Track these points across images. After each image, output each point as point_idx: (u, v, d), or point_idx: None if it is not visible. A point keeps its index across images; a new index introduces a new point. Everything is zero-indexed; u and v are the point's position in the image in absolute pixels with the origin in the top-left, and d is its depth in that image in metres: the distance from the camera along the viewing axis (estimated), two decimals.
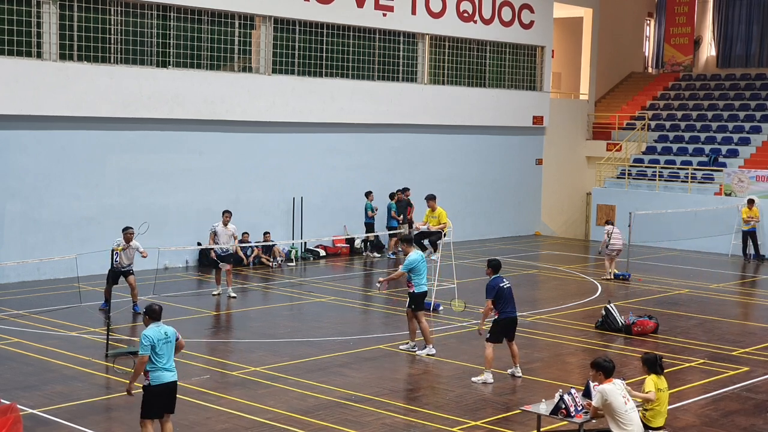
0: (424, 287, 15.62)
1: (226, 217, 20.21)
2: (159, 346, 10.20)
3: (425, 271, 15.68)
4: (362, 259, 26.92)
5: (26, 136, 21.82)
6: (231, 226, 20.24)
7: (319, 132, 27.24)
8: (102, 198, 23.04)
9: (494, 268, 14.15)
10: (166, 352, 10.28)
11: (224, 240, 20.10)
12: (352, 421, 12.01)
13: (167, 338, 10.33)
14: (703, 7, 39.79)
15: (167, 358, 10.29)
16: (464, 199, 31.11)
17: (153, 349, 10.17)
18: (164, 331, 10.34)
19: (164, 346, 10.26)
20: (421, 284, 15.53)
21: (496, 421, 12.14)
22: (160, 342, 10.22)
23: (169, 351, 10.32)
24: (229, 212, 20.41)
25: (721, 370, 15.01)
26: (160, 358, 10.22)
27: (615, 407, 9.97)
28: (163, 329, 10.36)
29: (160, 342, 10.23)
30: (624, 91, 39.22)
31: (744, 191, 29.52)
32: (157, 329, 10.30)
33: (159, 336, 10.25)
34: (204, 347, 15.98)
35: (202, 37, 24.52)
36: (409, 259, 15.51)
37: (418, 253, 15.79)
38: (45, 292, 20.54)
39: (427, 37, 29.79)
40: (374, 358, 15.38)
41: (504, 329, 14.05)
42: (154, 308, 10.49)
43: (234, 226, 20.38)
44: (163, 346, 10.25)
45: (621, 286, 22.84)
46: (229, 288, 20.38)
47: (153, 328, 10.31)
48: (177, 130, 24.32)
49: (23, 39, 21.52)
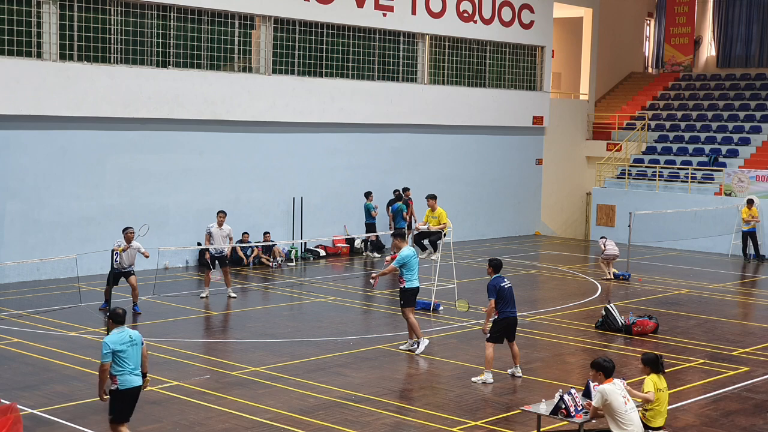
0: (416, 283, 15.63)
1: (220, 218, 20.09)
2: (123, 351, 10.08)
3: (417, 267, 15.71)
4: (362, 259, 26.93)
5: (26, 136, 21.82)
6: (226, 227, 20.14)
7: (319, 132, 27.25)
8: (102, 198, 23.04)
9: (495, 268, 14.15)
10: (133, 356, 10.16)
11: (219, 241, 20.04)
12: (352, 421, 12.01)
13: (132, 341, 10.19)
14: (703, 7, 39.80)
15: (134, 362, 10.20)
16: (464, 199, 31.11)
17: (117, 355, 10.05)
18: (128, 335, 10.21)
19: (129, 349, 10.13)
20: (412, 280, 15.56)
21: (496, 421, 12.14)
22: (124, 346, 10.09)
23: (135, 354, 10.21)
24: (224, 213, 20.31)
25: (721, 370, 15.01)
26: (127, 362, 10.10)
27: (615, 407, 9.97)
28: (128, 333, 10.23)
29: (124, 346, 10.10)
30: (624, 91, 39.22)
31: (744, 191, 29.53)
32: (119, 334, 10.16)
33: (122, 340, 10.12)
34: (204, 347, 15.98)
35: (202, 37, 24.52)
36: (402, 255, 15.55)
37: (410, 249, 15.81)
38: (45, 292, 20.54)
39: (427, 37, 29.79)
40: (374, 358, 15.38)
41: (504, 329, 14.05)
42: (117, 312, 10.35)
43: (229, 227, 20.28)
44: (129, 350, 10.12)
45: (621, 286, 22.84)
46: (228, 288, 20.37)
47: (115, 333, 10.18)
48: (177, 130, 24.32)
49: (23, 39, 21.52)
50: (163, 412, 12.19)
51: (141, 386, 10.33)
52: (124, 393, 10.15)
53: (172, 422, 11.81)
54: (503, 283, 13.96)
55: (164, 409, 12.36)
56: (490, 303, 13.91)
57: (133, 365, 10.19)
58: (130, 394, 10.22)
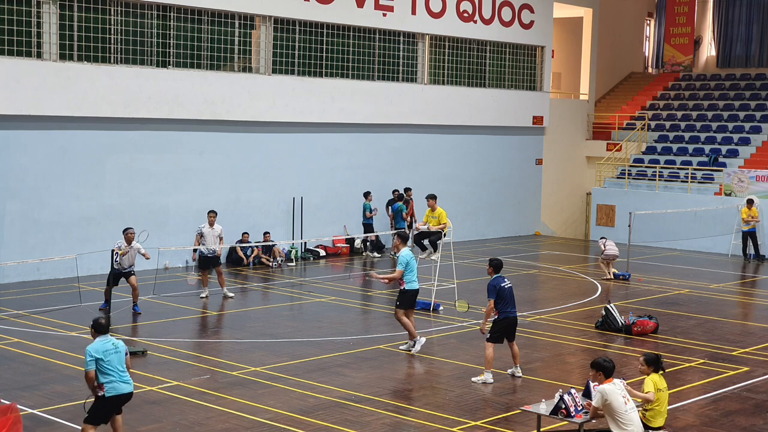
0: (416, 284, 15.63)
1: (211, 218, 20.00)
2: (107, 358, 10.07)
3: (416, 268, 15.73)
4: (362, 259, 26.92)
5: (26, 136, 21.82)
6: (217, 226, 20.08)
7: (319, 132, 27.25)
8: (102, 198, 23.04)
9: (495, 268, 14.15)
10: (117, 363, 10.15)
11: (211, 241, 19.93)
12: (352, 421, 12.01)
13: (116, 349, 10.20)
14: (703, 7, 39.80)
15: (121, 370, 10.18)
16: (464, 199, 31.11)
17: (100, 363, 10.04)
18: (112, 343, 10.23)
19: (114, 356, 10.13)
20: (412, 281, 15.57)
21: (496, 421, 12.14)
22: (108, 353, 10.09)
23: (120, 361, 10.20)
24: (215, 212, 20.24)
25: (721, 370, 15.01)
26: (113, 369, 10.09)
27: (615, 407, 9.97)
28: (111, 341, 10.24)
29: (108, 353, 10.10)
30: (624, 91, 39.22)
31: (744, 191, 29.53)
32: (102, 342, 10.17)
33: (105, 348, 10.12)
34: (204, 347, 15.97)
35: (202, 37, 24.52)
36: (401, 258, 15.56)
37: (409, 250, 15.83)
38: (45, 292, 20.54)
39: (427, 37, 29.79)
40: (374, 358, 15.38)
41: (504, 329, 14.05)
42: (100, 322, 10.35)
43: (220, 227, 20.21)
44: (113, 357, 10.12)
45: (621, 286, 22.84)
46: (224, 288, 20.33)
47: (98, 341, 10.19)
48: (177, 130, 24.32)
49: (23, 39, 21.52)
50: (163, 412, 12.19)
51: (131, 393, 10.30)
52: (109, 400, 10.14)
53: (172, 422, 11.81)
54: (503, 283, 13.96)
55: (164, 409, 12.36)
56: (490, 303, 13.91)
57: (121, 373, 10.17)
58: (116, 401, 10.20)
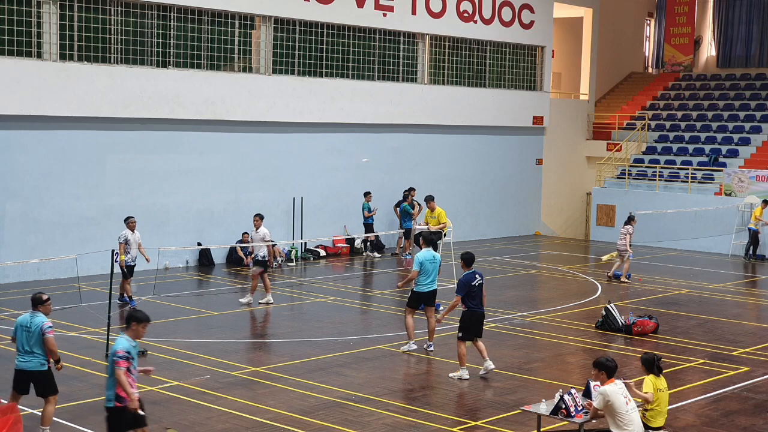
0: (425, 288, 15.49)
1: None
2: (18, 333, 10.89)
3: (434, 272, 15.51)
4: (362, 259, 26.92)
5: (26, 136, 21.82)
6: (262, 229, 19.50)
7: (319, 132, 27.24)
8: (102, 198, 23.04)
9: (467, 262, 14.15)
10: (23, 341, 10.85)
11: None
12: (352, 421, 12.01)
13: (27, 328, 10.86)
14: (703, 7, 39.80)
15: (21, 347, 10.87)
16: (464, 199, 31.11)
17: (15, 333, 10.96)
18: (29, 319, 10.91)
19: (22, 334, 10.88)
20: (421, 284, 15.47)
21: (496, 421, 12.14)
22: (20, 329, 10.89)
23: (25, 340, 10.85)
24: (260, 216, 19.67)
25: (721, 370, 15.01)
26: (18, 344, 10.93)
27: (616, 408, 9.97)
28: (30, 318, 10.92)
29: (21, 329, 10.89)
30: (624, 91, 39.22)
31: (744, 191, 29.52)
32: (24, 317, 10.99)
33: (23, 323, 10.91)
34: (204, 347, 15.97)
35: (202, 37, 24.52)
36: (416, 259, 15.48)
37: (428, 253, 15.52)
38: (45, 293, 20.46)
39: (427, 37, 29.79)
40: (374, 358, 15.38)
41: (473, 326, 14.04)
42: (35, 296, 11.17)
43: (265, 230, 19.58)
44: (22, 334, 10.87)
45: (621, 286, 22.84)
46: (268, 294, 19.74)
47: (25, 315, 11.04)
48: (177, 130, 24.31)
49: (23, 39, 21.52)
50: (163, 412, 12.19)
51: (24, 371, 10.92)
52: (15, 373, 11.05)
53: (172, 422, 11.80)
54: (474, 281, 13.99)
55: (164, 409, 12.36)
56: (456, 299, 14.02)
57: (20, 349, 10.91)
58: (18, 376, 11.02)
